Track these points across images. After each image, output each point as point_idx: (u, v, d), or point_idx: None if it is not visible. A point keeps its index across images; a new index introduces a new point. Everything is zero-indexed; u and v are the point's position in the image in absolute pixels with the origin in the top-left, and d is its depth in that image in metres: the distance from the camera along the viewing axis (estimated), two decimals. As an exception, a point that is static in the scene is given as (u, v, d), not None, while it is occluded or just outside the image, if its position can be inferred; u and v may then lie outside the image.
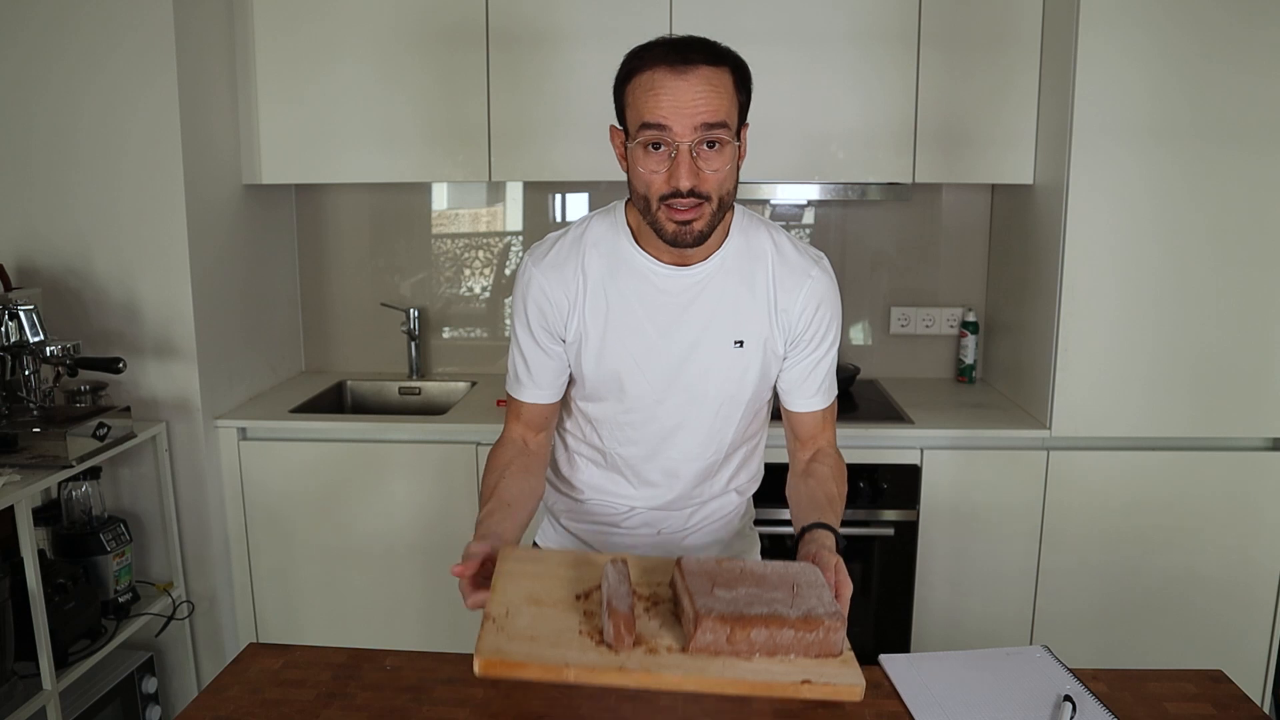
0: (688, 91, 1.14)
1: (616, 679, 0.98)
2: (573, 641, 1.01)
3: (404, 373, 2.84)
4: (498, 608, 1.04)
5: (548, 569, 1.13)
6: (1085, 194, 2.15)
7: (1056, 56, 2.22)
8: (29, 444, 1.92)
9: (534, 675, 0.96)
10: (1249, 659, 2.29)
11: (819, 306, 1.33)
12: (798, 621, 1.00)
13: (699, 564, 1.09)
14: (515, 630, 1.01)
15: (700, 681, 0.98)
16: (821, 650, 1.00)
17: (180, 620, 2.29)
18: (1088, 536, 2.27)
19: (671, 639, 1.03)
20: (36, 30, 2.12)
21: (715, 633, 0.99)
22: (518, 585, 1.09)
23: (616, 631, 0.99)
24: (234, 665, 1.26)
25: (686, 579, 1.06)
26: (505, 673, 0.96)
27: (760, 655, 1.00)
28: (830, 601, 1.04)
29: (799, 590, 1.05)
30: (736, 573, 1.08)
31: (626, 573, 1.08)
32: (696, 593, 1.03)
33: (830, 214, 2.77)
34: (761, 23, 2.31)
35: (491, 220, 2.86)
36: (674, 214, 1.19)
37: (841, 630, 1.02)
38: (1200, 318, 2.18)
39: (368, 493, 2.34)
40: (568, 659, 0.98)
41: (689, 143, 1.15)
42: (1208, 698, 1.17)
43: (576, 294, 1.32)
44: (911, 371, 2.82)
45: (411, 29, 2.38)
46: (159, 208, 2.18)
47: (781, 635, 0.99)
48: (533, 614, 1.04)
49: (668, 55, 1.16)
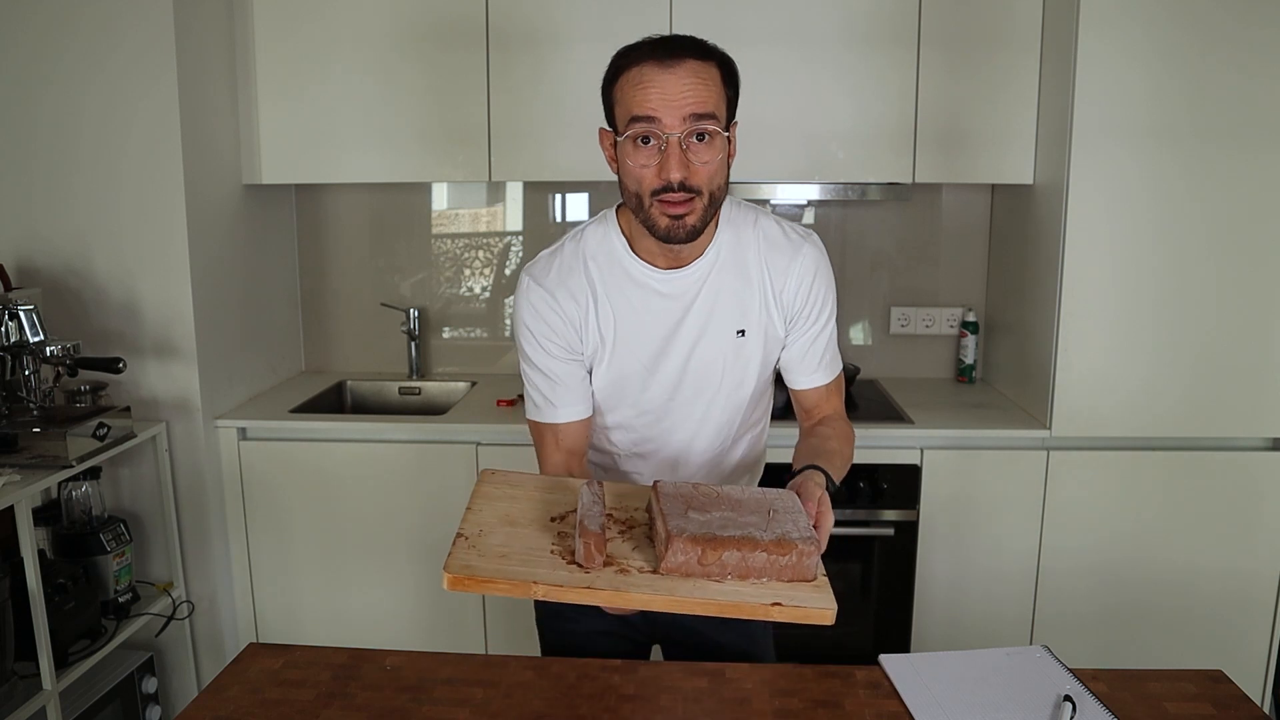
0: (675, 84, 1.16)
1: (584, 597, 0.97)
2: (543, 560, 1.01)
3: (404, 373, 2.84)
4: (471, 527, 1.04)
5: (525, 492, 1.13)
6: (1085, 194, 2.15)
7: (1056, 56, 2.22)
8: (29, 444, 1.92)
9: (501, 591, 0.96)
10: (1249, 659, 2.29)
11: (813, 281, 1.34)
12: (770, 545, 0.99)
13: (675, 487, 1.09)
14: (486, 548, 1.01)
15: (669, 601, 0.98)
16: (795, 574, 1.00)
17: (180, 620, 2.29)
18: (1088, 536, 2.27)
19: (644, 561, 1.02)
20: (36, 30, 2.12)
21: (687, 554, 0.99)
22: (493, 506, 1.09)
23: (587, 551, 0.98)
24: (234, 665, 1.26)
25: (661, 501, 1.05)
26: (473, 588, 0.96)
27: (733, 578, 1.00)
28: (806, 527, 1.04)
29: (775, 515, 1.05)
30: (713, 496, 1.08)
31: (601, 495, 1.08)
32: (670, 514, 1.02)
33: (830, 214, 2.77)
34: (761, 23, 2.31)
35: (491, 220, 2.86)
36: (667, 208, 1.19)
37: (815, 555, 1.01)
38: (1200, 317, 2.18)
39: (367, 493, 2.34)
40: (536, 576, 0.97)
41: (678, 134, 1.16)
42: (1208, 698, 1.17)
43: (588, 303, 1.32)
44: (911, 371, 2.81)
45: (411, 29, 2.38)
46: (159, 208, 2.18)
47: (754, 558, 0.99)
48: (506, 534, 1.04)
49: (654, 50, 1.18)
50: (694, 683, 1.20)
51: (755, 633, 1.47)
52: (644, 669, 1.23)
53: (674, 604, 0.97)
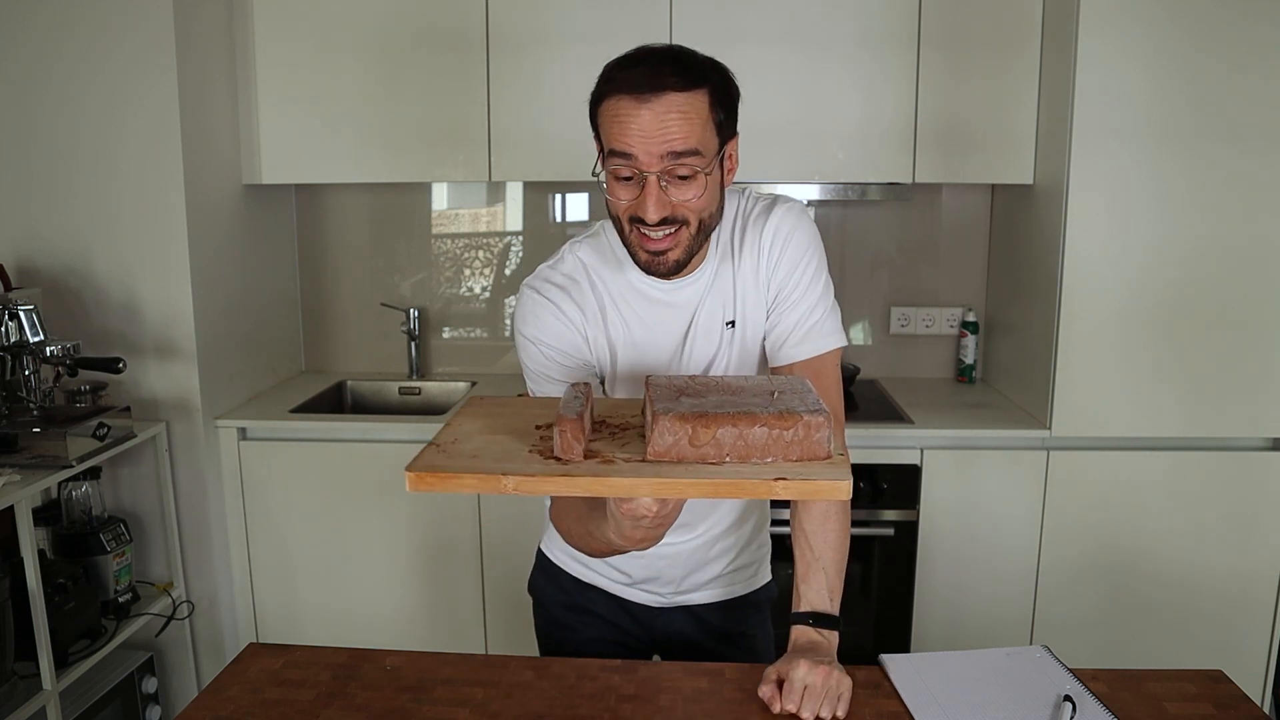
0: (653, 121, 1.07)
1: (560, 486, 0.85)
2: (518, 457, 0.88)
3: (404, 373, 2.84)
4: (446, 436, 0.93)
5: (511, 409, 1.01)
6: (1085, 194, 2.15)
7: (1056, 56, 2.22)
8: (29, 444, 1.92)
9: (469, 487, 0.85)
10: (1249, 659, 2.29)
11: (788, 238, 1.23)
12: (770, 418, 0.86)
13: (669, 379, 0.99)
14: (457, 451, 0.90)
15: (655, 485, 0.84)
16: (805, 452, 0.87)
17: (180, 620, 2.29)
18: (1088, 536, 2.27)
19: (631, 453, 0.89)
20: (36, 30, 2.12)
21: (675, 434, 0.86)
22: (474, 421, 0.98)
23: (563, 440, 0.87)
24: (234, 665, 1.26)
25: (651, 390, 0.95)
26: (437, 486, 0.85)
27: (732, 460, 0.87)
28: (814, 401, 0.91)
29: (779, 396, 0.93)
30: (711, 384, 0.96)
31: (588, 392, 0.97)
32: (658, 399, 0.91)
33: (830, 214, 2.77)
34: (761, 23, 2.31)
35: (491, 220, 2.86)
36: (646, 241, 1.13)
37: (826, 429, 0.87)
38: (1200, 317, 2.18)
39: (368, 493, 2.34)
40: (506, 469, 0.85)
41: (655, 172, 1.09)
42: (1208, 698, 1.17)
43: (595, 313, 1.25)
44: (911, 371, 2.81)
45: (411, 29, 2.38)
46: (159, 208, 2.18)
47: (753, 434, 0.86)
48: (483, 440, 0.92)
49: (634, 83, 1.08)
50: (694, 683, 1.20)
51: (758, 646, 1.44)
52: (644, 669, 1.23)
53: (661, 487, 0.84)
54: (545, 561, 1.49)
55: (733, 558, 1.40)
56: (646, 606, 1.42)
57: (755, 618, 1.46)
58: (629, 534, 0.96)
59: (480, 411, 1.01)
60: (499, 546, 2.33)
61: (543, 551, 1.50)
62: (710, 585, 1.40)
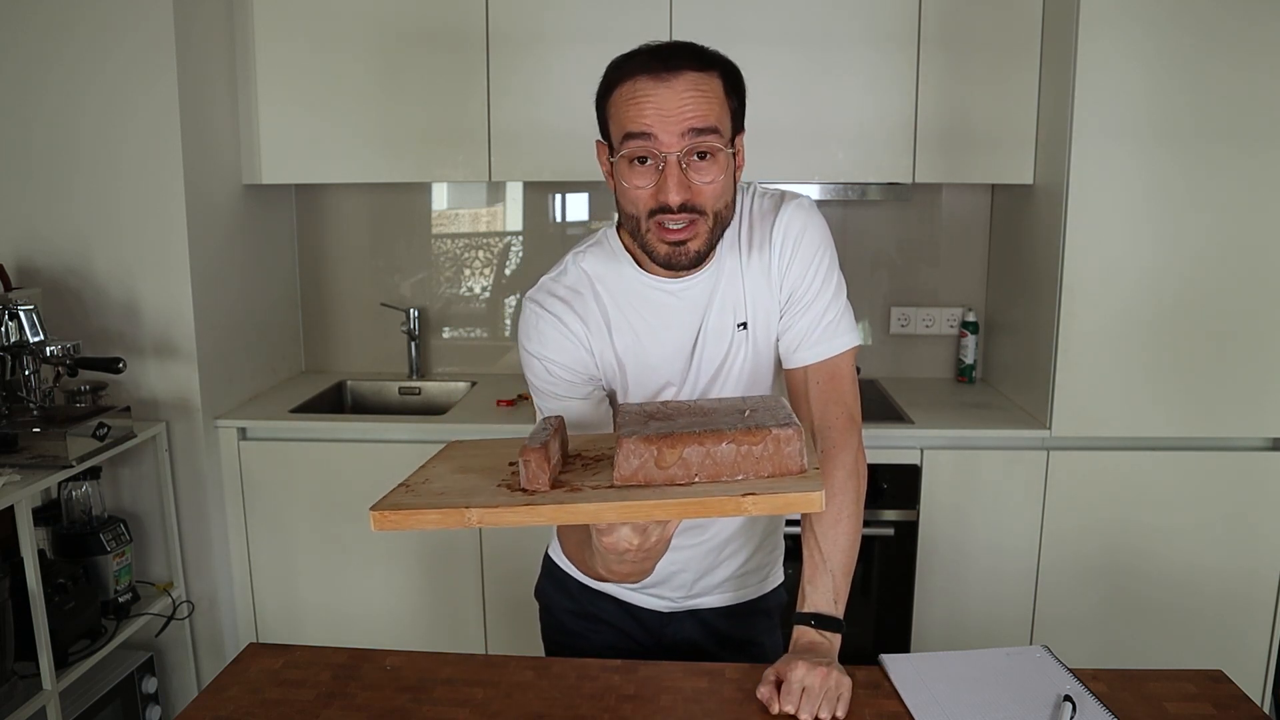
0: (673, 98, 1.06)
1: (524, 516, 0.83)
2: (486, 491, 0.87)
3: (404, 373, 2.84)
4: (417, 478, 0.92)
5: (489, 451, 1.00)
6: (1085, 194, 2.15)
7: (1056, 56, 2.22)
8: (29, 444, 1.92)
9: (432, 522, 0.83)
10: (1249, 659, 2.29)
11: (799, 238, 1.22)
12: (737, 434, 0.84)
13: (640, 406, 0.97)
14: (426, 490, 0.89)
15: (621, 509, 0.82)
16: (776, 467, 0.84)
17: (180, 620, 2.29)
18: (1088, 536, 2.27)
19: (600, 481, 0.88)
20: (36, 30, 2.12)
21: (641, 456, 0.84)
22: (448, 463, 0.97)
23: (529, 471, 0.85)
24: (234, 665, 1.26)
25: (620, 416, 0.93)
26: (401, 524, 0.84)
27: (701, 480, 0.84)
28: (786, 415, 0.88)
29: (750, 414, 0.90)
30: (682, 408, 0.94)
31: (558, 424, 0.95)
32: (625, 425, 0.89)
33: (830, 214, 2.74)
34: (761, 23, 2.31)
35: (491, 220, 2.86)
36: (665, 233, 1.10)
37: (797, 442, 0.84)
38: (1200, 317, 2.18)
39: (368, 493, 2.33)
40: (471, 502, 0.84)
41: (677, 153, 1.06)
42: (1208, 698, 1.17)
43: (600, 327, 1.23)
44: (911, 371, 2.81)
45: (411, 29, 2.38)
46: (159, 208, 2.18)
47: (720, 451, 0.84)
48: (453, 479, 0.91)
49: (649, 63, 1.07)
50: (694, 683, 1.20)
51: (767, 654, 1.42)
52: (644, 669, 1.23)
53: (626, 511, 0.82)
54: (553, 568, 1.46)
55: (745, 558, 1.39)
56: (655, 612, 1.41)
57: (764, 624, 1.44)
58: (615, 569, 0.96)
59: (455, 454, 1.00)
60: (499, 547, 2.33)
61: (550, 558, 1.48)
62: (721, 588, 1.39)
